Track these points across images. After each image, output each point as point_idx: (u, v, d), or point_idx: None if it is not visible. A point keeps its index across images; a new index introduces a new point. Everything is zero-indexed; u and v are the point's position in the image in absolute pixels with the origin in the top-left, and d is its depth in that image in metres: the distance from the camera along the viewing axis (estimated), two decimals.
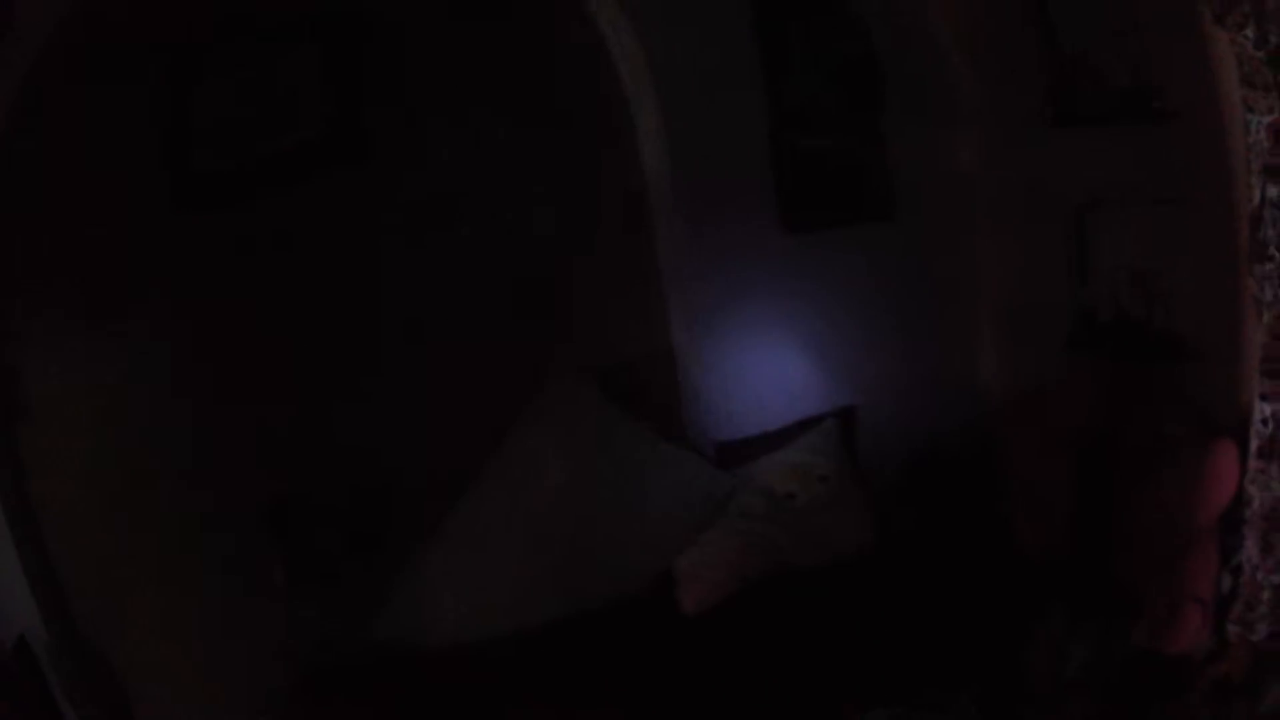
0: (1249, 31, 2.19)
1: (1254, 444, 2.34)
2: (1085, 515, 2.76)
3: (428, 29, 2.92)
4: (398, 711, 2.59)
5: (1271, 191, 2.22)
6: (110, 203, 2.66)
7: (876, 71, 3.27)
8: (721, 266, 3.14)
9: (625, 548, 2.90)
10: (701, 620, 2.80)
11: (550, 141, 3.00)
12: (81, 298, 2.66)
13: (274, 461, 2.83)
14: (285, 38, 2.86)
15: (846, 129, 3.25)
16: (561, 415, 3.03)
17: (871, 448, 3.24)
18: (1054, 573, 2.79)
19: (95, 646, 2.68)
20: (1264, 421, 2.31)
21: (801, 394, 3.20)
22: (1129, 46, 2.76)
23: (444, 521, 2.90)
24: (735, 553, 2.91)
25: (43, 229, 2.61)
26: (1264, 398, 2.32)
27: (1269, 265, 2.26)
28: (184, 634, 2.73)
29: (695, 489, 3.02)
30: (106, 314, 2.68)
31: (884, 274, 3.24)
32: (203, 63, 2.78)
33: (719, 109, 3.09)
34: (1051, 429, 2.97)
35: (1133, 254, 2.97)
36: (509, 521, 2.91)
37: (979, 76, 3.30)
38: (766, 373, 3.18)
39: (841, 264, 3.25)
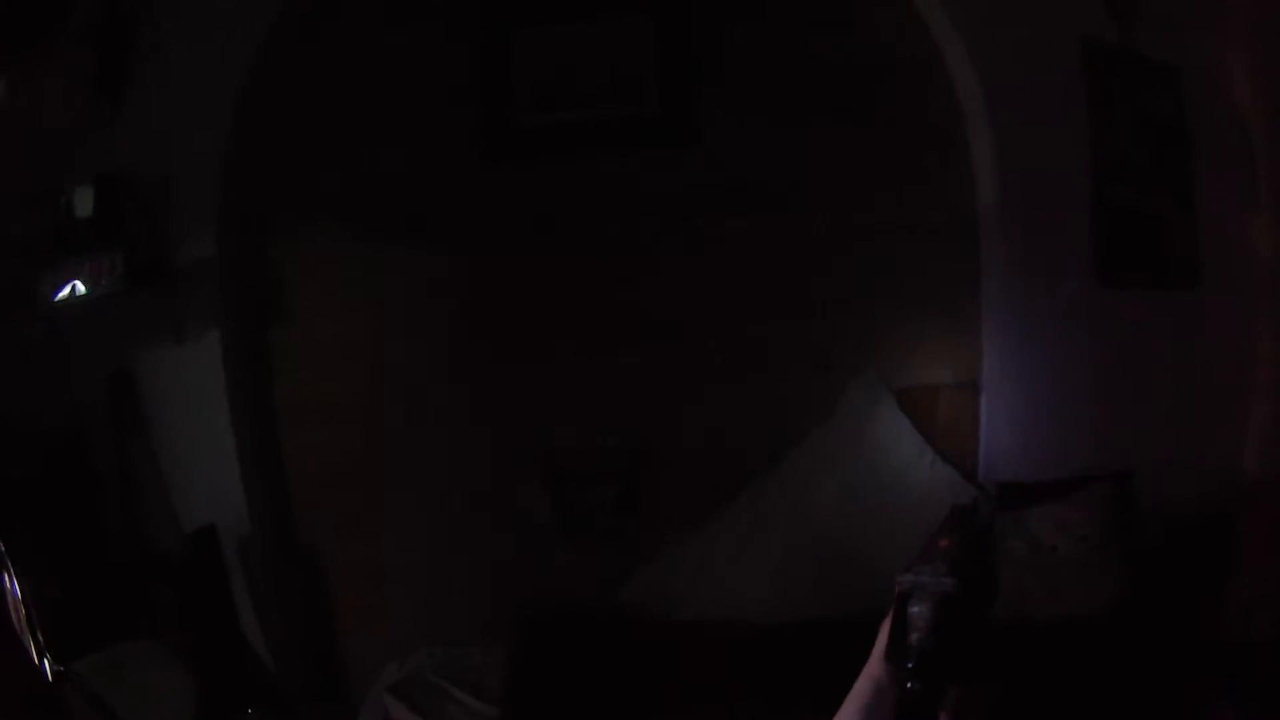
0: None
1: None
2: None
3: (754, 19, 2.90)
4: (621, 672, 2.61)
5: None
6: (421, 136, 2.68)
7: (1186, 136, 3.25)
8: (1040, 310, 3.13)
9: (889, 564, 2.93)
10: None
11: (878, 149, 2.99)
12: (371, 219, 2.71)
13: (551, 414, 2.85)
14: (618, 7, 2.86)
15: (1163, 190, 3.25)
16: (859, 422, 3.04)
17: (1142, 514, 3.29)
18: (1250, 664, 2.85)
19: (309, 546, 2.78)
20: None
21: (1087, 450, 3.22)
22: None
23: (721, 506, 2.92)
24: None
25: (343, 145, 2.62)
26: None
27: None
28: (413, 549, 2.75)
29: None
30: (394, 240, 2.76)
31: (1179, 343, 3.26)
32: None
33: (1047, 148, 3.06)
34: None
35: None
36: (784, 517, 2.94)
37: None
38: (1060, 423, 3.20)
39: (1147, 327, 3.22)
